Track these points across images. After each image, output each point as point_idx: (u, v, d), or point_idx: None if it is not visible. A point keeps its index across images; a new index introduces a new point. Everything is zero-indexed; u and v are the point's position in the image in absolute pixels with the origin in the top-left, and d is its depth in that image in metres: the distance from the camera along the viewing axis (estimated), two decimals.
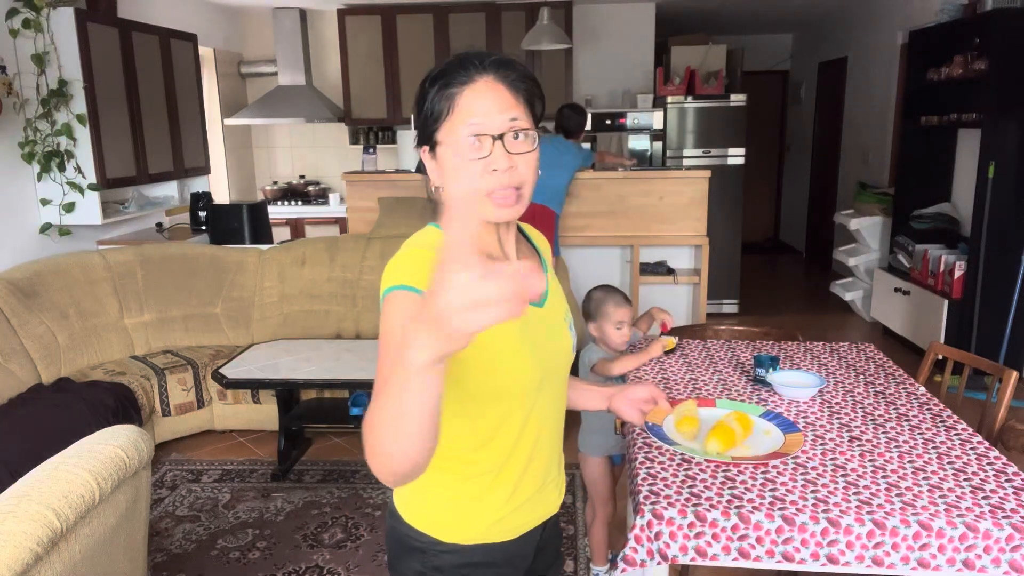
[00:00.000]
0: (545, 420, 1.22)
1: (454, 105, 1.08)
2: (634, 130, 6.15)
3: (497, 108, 1.07)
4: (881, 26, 6.36)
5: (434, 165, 1.13)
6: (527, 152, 1.09)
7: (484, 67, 1.08)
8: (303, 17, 6.29)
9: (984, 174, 4.29)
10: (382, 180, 4.83)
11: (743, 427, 1.60)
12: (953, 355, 2.42)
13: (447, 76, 1.09)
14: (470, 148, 1.07)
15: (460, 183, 1.09)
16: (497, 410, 1.14)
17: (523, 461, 1.19)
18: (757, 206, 8.99)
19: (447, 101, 1.08)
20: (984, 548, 1.44)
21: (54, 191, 3.97)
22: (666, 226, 4.62)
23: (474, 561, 1.19)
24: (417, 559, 1.20)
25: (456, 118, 1.08)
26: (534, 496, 1.22)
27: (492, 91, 1.08)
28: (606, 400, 1.43)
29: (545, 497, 1.26)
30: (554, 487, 1.28)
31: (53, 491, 1.51)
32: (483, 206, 1.09)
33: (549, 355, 1.20)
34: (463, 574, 1.19)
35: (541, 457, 1.22)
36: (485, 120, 1.07)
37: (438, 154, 1.11)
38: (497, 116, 1.07)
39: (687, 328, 2.86)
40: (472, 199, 0.77)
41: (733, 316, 6.07)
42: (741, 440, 1.57)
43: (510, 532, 1.21)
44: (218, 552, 2.85)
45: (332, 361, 3.49)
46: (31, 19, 3.70)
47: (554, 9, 5.51)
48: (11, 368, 3.33)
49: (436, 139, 1.11)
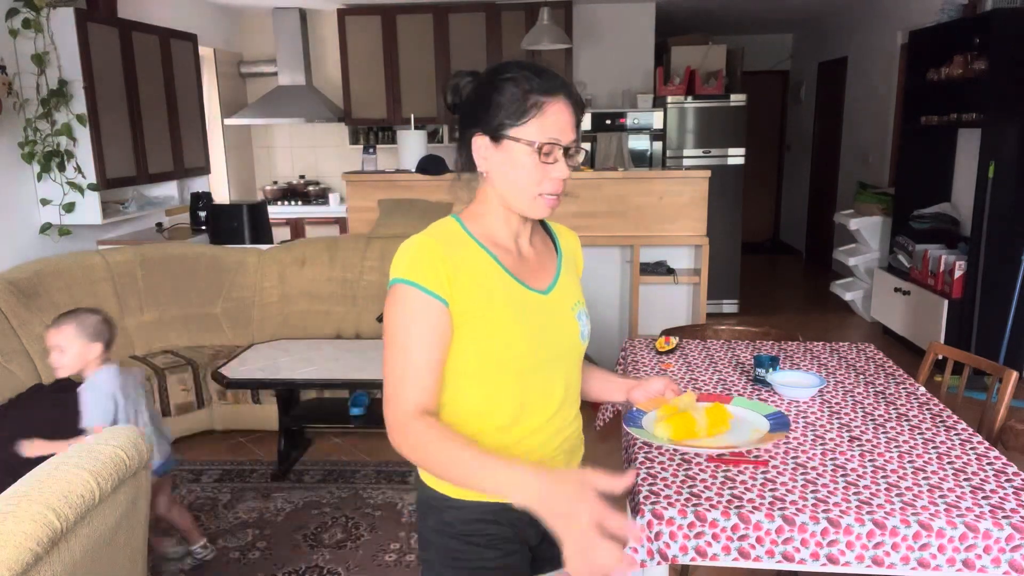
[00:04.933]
0: (549, 399, 1.31)
1: (543, 112, 1.21)
2: (634, 130, 6.15)
3: (571, 127, 1.24)
4: (881, 26, 6.36)
5: (490, 154, 1.25)
6: (575, 168, 1.27)
7: (561, 87, 1.24)
8: (303, 17, 6.29)
9: (984, 174, 4.29)
10: (382, 180, 4.82)
11: (713, 421, 1.54)
12: (953, 355, 2.42)
13: (533, 82, 1.22)
14: (542, 153, 1.22)
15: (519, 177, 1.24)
16: (493, 384, 1.26)
17: (524, 433, 1.29)
18: (757, 206, 8.99)
19: (536, 107, 1.21)
20: (984, 548, 1.44)
21: (54, 191, 3.97)
22: (666, 226, 4.62)
23: (478, 518, 1.28)
24: (433, 516, 1.32)
25: (540, 124, 1.21)
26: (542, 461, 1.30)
27: (568, 111, 1.24)
28: (626, 391, 1.52)
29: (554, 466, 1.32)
30: (562, 460, 1.36)
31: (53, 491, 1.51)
32: (532, 205, 1.26)
33: (548, 340, 1.30)
34: (469, 529, 1.29)
35: (544, 432, 1.31)
36: (562, 135, 1.22)
37: (504, 146, 1.23)
38: (570, 133, 1.24)
39: (687, 328, 2.86)
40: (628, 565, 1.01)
41: (733, 316, 6.08)
42: (703, 434, 1.51)
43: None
44: (218, 552, 2.85)
45: (332, 361, 3.49)
46: (31, 19, 3.70)
47: (554, 9, 5.51)
48: (11, 368, 3.33)
49: (509, 133, 1.22)
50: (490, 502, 1.26)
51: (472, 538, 1.29)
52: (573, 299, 1.37)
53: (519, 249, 1.33)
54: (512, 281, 1.28)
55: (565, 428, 1.36)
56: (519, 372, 1.27)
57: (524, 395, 1.28)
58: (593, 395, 1.54)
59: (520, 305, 1.27)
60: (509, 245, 1.31)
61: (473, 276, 1.24)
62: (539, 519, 1.06)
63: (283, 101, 6.19)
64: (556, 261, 1.39)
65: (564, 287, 1.36)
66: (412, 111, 5.97)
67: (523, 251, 1.33)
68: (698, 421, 1.52)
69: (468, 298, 1.22)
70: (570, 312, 1.35)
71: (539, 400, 1.30)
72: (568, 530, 1.01)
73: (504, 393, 1.27)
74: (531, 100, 1.21)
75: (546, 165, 1.22)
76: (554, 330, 1.31)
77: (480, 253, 1.27)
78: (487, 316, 1.24)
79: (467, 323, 1.23)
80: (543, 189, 1.24)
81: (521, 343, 1.26)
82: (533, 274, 1.32)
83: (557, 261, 1.40)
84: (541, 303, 1.31)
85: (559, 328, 1.32)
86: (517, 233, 1.32)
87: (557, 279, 1.36)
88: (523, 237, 1.34)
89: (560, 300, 1.34)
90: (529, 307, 1.28)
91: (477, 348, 1.24)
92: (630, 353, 2.51)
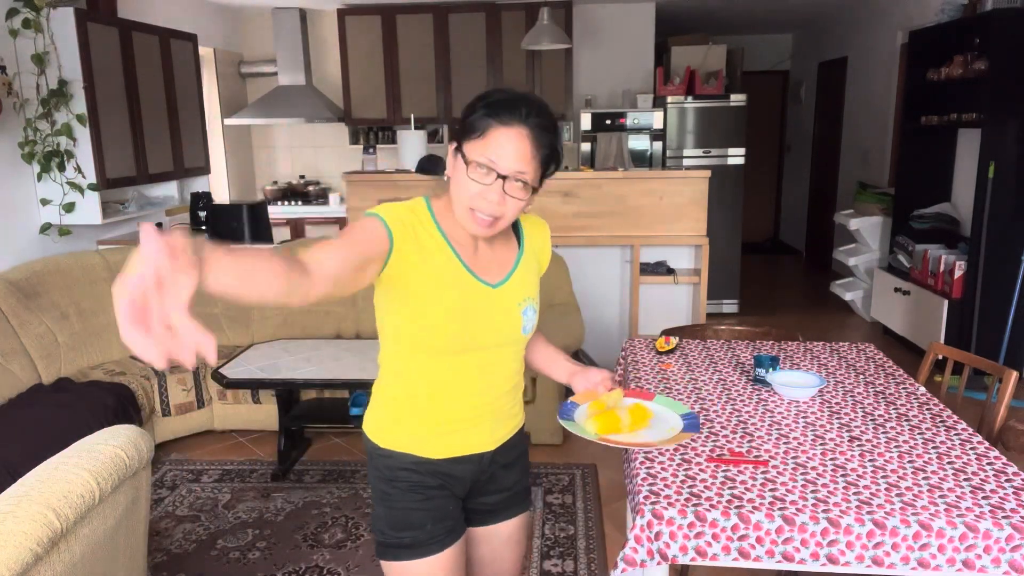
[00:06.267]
0: (478, 376, 1.45)
1: (486, 134, 1.30)
2: (634, 130, 6.15)
3: (515, 157, 1.30)
4: (881, 26, 6.36)
5: (452, 162, 1.37)
6: (518, 199, 1.33)
7: (526, 119, 1.30)
8: (303, 17, 6.29)
9: (984, 174, 4.29)
10: (382, 180, 4.82)
11: (635, 419, 1.67)
12: (953, 355, 2.42)
13: (496, 108, 1.30)
14: (478, 171, 1.30)
15: (459, 189, 1.34)
16: (427, 358, 1.41)
17: (449, 401, 1.45)
18: (757, 206, 8.99)
19: (484, 127, 1.30)
20: (984, 548, 1.44)
21: (54, 191, 3.97)
22: (666, 226, 4.62)
23: (402, 466, 1.47)
24: (372, 463, 1.52)
25: (482, 143, 1.30)
26: (459, 430, 1.48)
27: (522, 143, 1.30)
28: (568, 376, 1.67)
29: (474, 435, 1.50)
30: (487, 430, 1.51)
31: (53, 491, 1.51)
32: (465, 218, 1.35)
33: (486, 330, 1.42)
34: (393, 475, 1.48)
35: (470, 403, 1.47)
36: (499, 160, 1.29)
37: (458, 157, 1.34)
38: (512, 162, 1.29)
39: (687, 328, 2.86)
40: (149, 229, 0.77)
41: (733, 316, 6.08)
42: (625, 429, 1.65)
43: (433, 451, 1.47)
44: (218, 552, 2.85)
45: (332, 361, 3.49)
46: (31, 19, 3.70)
47: (554, 9, 5.51)
48: (11, 368, 3.33)
49: (462, 146, 1.34)
50: (413, 455, 1.46)
51: (396, 483, 1.47)
52: (524, 294, 1.48)
53: (476, 245, 1.43)
54: (463, 271, 1.39)
55: (492, 401, 1.50)
56: (452, 351, 1.40)
57: (457, 371, 1.42)
58: (536, 366, 1.69)
59: (465, 293, 1.39)
60: (467, 240, 1.42)
61: (428, 256, 1.36)
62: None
63: (283, 101, 6.19)
64: (515, 257, 1.49)
65: (517, 282, 1.47)
66: (412, 111, 5.97)
67: (479, 247, 1.44)
68: (622, 419, 1.66)
69: (417, 271, 1.34)
70: (516, 307, 1.46)
71: (471, 376, 1.44)
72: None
73: (438, 367, 1.42)
74: (485, 123, 1.30)
75: (475, 183, 1.30)
76: (493, 321, 1.43)
77: (440, 241, 1.39)
78: (431, 295, 1.36)
79: (412, 295, 1.35)
80: (473, 204, 1.32)
81: (456, 327, 1.38)
82: (487, 268, 1.43)
83: (516, 257, 1.49)
84: (487, 295, 1.42)
85: (499, 320, 1.44)
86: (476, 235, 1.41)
87: (511, 275, 1.46)
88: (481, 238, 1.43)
89: (508, 295, 1.45)
90: (474, 297, 1.40)
91: (417, 323, 1.37)
92: (630, 353, 2.51)
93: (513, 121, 1.29)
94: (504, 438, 1.56)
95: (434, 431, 1.47)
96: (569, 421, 1.67)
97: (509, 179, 1.30)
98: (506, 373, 1.51)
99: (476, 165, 1.30)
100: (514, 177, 1.30)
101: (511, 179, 1.30)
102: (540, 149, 1.31)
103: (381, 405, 1.51)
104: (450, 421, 1.47)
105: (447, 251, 1.38)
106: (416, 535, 1.46)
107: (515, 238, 1.53)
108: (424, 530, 1.47)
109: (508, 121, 1.29)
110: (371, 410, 1.53)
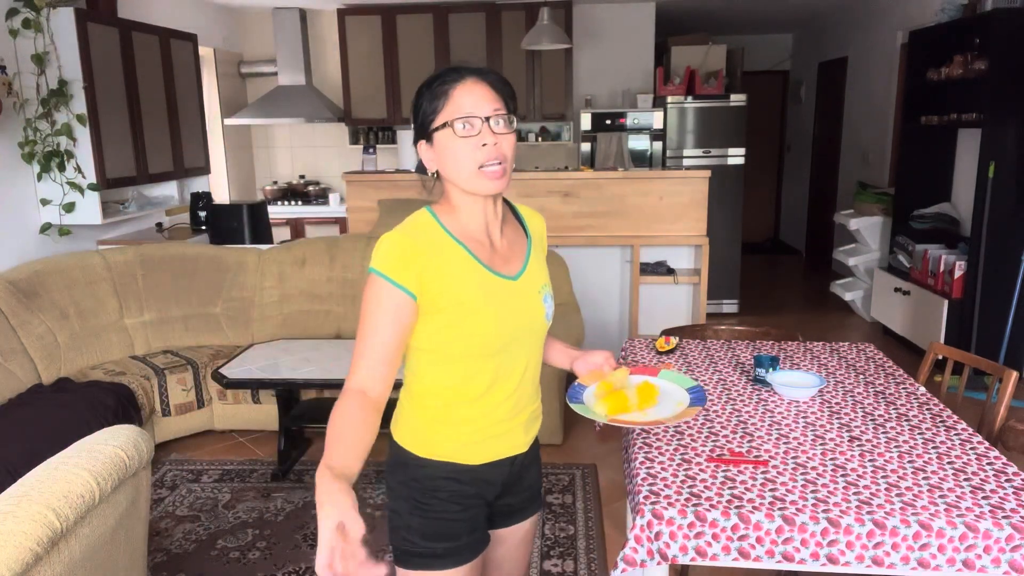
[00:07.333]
0: (512, 374, 1.45)
1: (449, 98, 1.33)
2: (634, 130, 6.15)
3: (484, 100, 1.34)
4: (881, 26, 6.36)
5: (432, 154, 1.38)
6: (507, 133, 1.35)
7: (469, 72, 1.36)
8: (303, 17, 6.29)
9: (984, 174, 4.29)
10: (382, 180, 4.83)
11: (643, 398, 1.66)
12: (953, 355, 2.42)
13: (442, 78, 1.35)
14: (463, 128, 1.32)
15: (455, 160, 1.34)
16: (464, 364, 1.40)
17: (490, 406, 1.44)
18: (757, 206, 8.99)
19: (443, 96, 1.34)
20: (984, 548, 1.44)
21: (54, 191, 3.97)
22: (666, 226, 4.62)
23: (443, 475, 1.44)
24: (403, 471, 1.47)
25: (451, 107, 1.33)
26: (500, 433, 1.47)
27: (478, 87, 1.34)
28: (570, 361, 1.67)
29: (512, 436, 1.49)
30: (522, 430, 1.51)
31: (53, 491, 1.51)
32: (478, 181, 1.34)
33: (516, 323, 1.43)
34: (434, 484, 1.44)
35: (508, 404, 1.46)
36: (474, 108, 1.33)
37: (435, 141, 1.36)
38: (484, 105, 1.33)
39: (687, 328, 2.86)
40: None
41: (733, 316, 6.08)
42: (634, 409, 1.64)
43: (474, 457, 1.45)
44: (218, 552, 2.85)
45: (332, 361, 3.49)
46: (31, 19, 3.70)
47: (554, 9, 5.51)
48: (11, 368, 3.33)
49: (431, 128, 1.35)
50: (455, 463, 1.44)
51: (438, 493, 1.44)
52: (540, 282, 1.49)
53: (491, 239, 1.43)
54: (483, 270, 1.39)
55: (525, 399, 1.49)
56: (490, 352, 1.40)
57: (495, 372, 1.42)
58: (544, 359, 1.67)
59: (491, 292, 1.39)
60: (481, 237, 1.42)
61: (446, 268, 1.35)
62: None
63: (283, 101, 6.19)
64: (526, 246, 1.51)
65: (533, 271, 1.48)
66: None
67: (495, 240, 1.44)
68: (630, 399, 1.66)
69: (441, 288, 1.34)
70: (537, 295, 1.47)
71: (506, 376, 1.44)
72: (319, 522, 1.22)
73: (477, 371, 1.41)
74: (439, 92, 1.35)
75: (470, 139, 1.32)
76: (521, 313, 1.44)
77: (454, 246, 1.38)
78: (460, 304, 1.36)
79: (442, 311, 1.35)
80: (478, 160, 1.33)
81: (491, 327, 1.38)
82: (504, 261, 1.44)
83: (527, 246, 1.51)
84: (511, 288, 1.43)
85: (526, 311, 1.45)
86: (488, 223, 1.42)
87: (527, 264, 1.48)
88: (494, 227, 1.44)
89: (528, 284, 1.46)
90: (500, 293, 1.40)
91: (451, 332, 1.37)
92: (630, 353, 2.51)
93: (461, 77, 1.35)
94: (534, 437, 1.57)
95: (474, 437, 1.45)
96: (579, 404, 1.65)
97: (491, 118, 1.33)
98: (534, 369, 1.52)
99: (458, 122, 1.32)
100: (494, 115, 1.33)
101: (492, 117, 1.33)
102: (495, 84, 1.36)
103: (413, 416, 1.47)
104: (490, 425, 1.45)
105: (462, 254, 1.38)
106: (450, 545, 1.45)
107: (522, 228, 1.53)
108: (460, 541, 1.46)
109: (457, 79, 1.34)
110: (402, 420, 1.49)
